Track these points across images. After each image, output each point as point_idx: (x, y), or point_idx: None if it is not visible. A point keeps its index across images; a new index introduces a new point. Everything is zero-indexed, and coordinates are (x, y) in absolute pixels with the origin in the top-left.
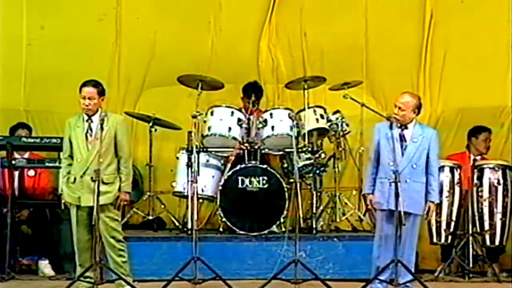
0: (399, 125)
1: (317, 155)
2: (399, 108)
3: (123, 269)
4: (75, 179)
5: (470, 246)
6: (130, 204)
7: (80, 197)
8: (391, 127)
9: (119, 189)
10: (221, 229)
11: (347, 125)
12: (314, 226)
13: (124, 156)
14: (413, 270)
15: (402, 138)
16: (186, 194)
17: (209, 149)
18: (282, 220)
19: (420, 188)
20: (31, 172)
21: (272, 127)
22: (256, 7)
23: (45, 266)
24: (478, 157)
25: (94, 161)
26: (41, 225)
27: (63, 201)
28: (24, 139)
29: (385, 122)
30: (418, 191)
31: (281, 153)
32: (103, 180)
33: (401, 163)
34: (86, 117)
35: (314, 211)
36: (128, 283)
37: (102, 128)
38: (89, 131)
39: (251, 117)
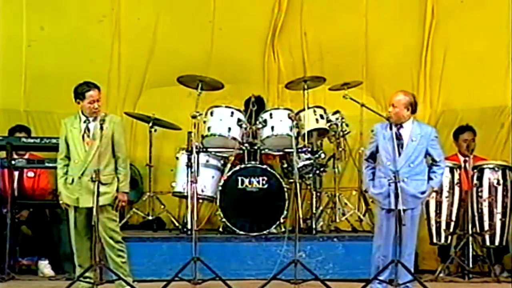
0: (395, 124)
1: (317, 156)
2: (392, 105)
3: (122, 270)
4: (73, 180)
5: (470, 246)
6: (129, 204)
7: (78, 198)
8: (390, 127)
9: (117, 190)
10: (221, 229)
11: (347, 125)
12: (314, 226)
13: (121, 157)
14: (412, 269)
15: (398, 137)
16: (186, 194)
17: (209, 150)
18: (282, 220)
19: (417, 185)
20: (31, 173)
21: (272, 128)
22: (255, 6)
23: (44, 267)
24: (467, 158)
25: (92, 162)
26: (41, 225)
27: (61, 202)
28: (24, 139)
29: (382, 122)
30: (415, 187)
31: (281, 153)
32: (102, 181)
33: (398, 162)
34: (84, 118)
35: (314, 211)
36: (128, 284)
37: (101, 128)
38: (87, 131)
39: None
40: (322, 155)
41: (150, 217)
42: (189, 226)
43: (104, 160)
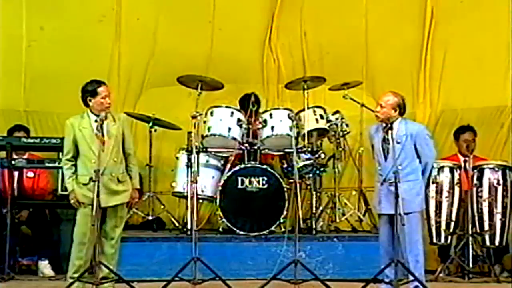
0: (384, 125)
1: (317, 156)
2: (380, 105)
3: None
4: (90, 179)
5: (470, 246)
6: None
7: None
8: (381, 130)
9: None
10: (221, 229)
11: (347, 125)
12: (313, 226)
13: (132, 153)
14: (422, 269)
15: (385, 140)
16: (186, 194)
17: (208, 150)
18: (281, 220)
19: (409, 186)
20: (31, 173)
21: (272, 128)
22: (255, 6)
23: (44, 267)
24: (467, 158)
25: (109, 161)
26: (41, 225)
27: (72, 201)
28: (23, 139)
29: (374, 125)
30: (407, 190)
31: (281, 153)
32: (119, 178)
33: (385, 167)
34: (94, 117)
35: (314, 211)
36: (128, 284)
37: (101, 128)
38: (100, 130)
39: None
40: (322, 155)
41: (150, 217)
42: (189, 226)
43: (118, 158)
